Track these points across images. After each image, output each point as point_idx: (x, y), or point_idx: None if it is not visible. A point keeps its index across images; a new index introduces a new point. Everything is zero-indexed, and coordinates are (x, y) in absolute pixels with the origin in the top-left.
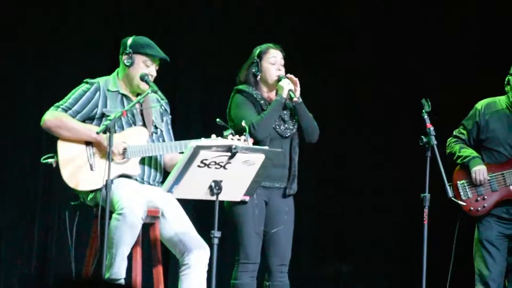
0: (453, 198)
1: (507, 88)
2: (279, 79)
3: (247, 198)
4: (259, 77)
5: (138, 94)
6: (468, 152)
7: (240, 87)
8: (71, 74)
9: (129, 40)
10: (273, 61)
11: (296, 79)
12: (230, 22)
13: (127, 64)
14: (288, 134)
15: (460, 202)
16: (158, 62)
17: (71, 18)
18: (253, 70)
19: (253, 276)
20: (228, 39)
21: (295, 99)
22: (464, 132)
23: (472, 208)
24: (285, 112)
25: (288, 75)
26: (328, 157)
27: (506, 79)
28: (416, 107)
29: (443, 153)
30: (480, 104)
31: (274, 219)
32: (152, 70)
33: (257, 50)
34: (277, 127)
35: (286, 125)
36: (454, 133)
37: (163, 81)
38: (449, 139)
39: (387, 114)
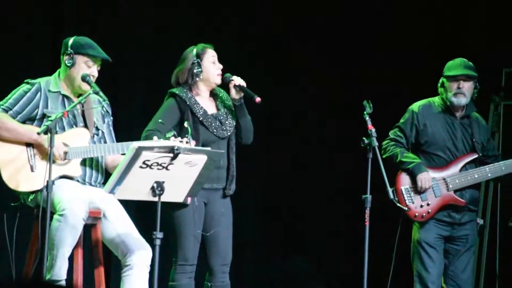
0: (398, 204)
1: (441, 90)
2: (225, 79)
3: (189, 201)
4: (200, 77)
5: (79, 95)
6: (411, 157)
7: (175, 90)
8: (12, 74)
9: (70, 40)
10: (213, 60)
11: (243, 82)
12: (174, 19)
13: (68, 64)
14: (225, 135)
15: (404, 208)
16: (100, 62)
17: (12, 17)
18: (195, 71)
19: (191, 277)
20: (172, 38)
21: (237, 97)
22: (402, 135)
23: (417, 214)
24: (221, 112)
25: (234, 76)
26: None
27: (440, 81)
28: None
29: None
30: (416, 107)
31: (212, 220)
32: (93, 70)
33: (192, 50)
34: (215, 130)
35: (223, 127)
36: (391, 135)
37: (105, 82)
38: (385, 142)
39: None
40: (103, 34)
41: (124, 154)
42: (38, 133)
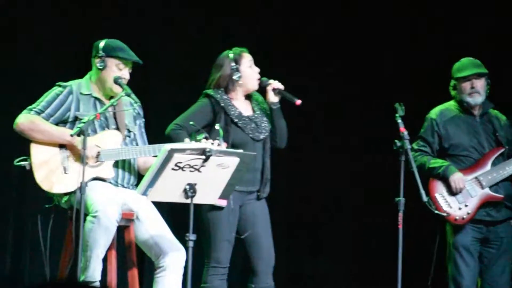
0: (436, 211)
1: (453, 92)
2: (263, 84)
3: (224, 203)
4: (240, 82)
5: (111, 97)
6: (439, 162)
7: (210, 91)
8: (44, 77)
9: (102, 43)
10: (250, 64)
11: (281, 85)
12: (205, 25)
13: (100, 67)
14: (261, 137)
15: (444, 214)
16: (131, 65)
17: (43, 21)
18: (235, 77)
19: (223, 279)
20: (203, 42)
21: (274, 101)
22: (425, 144)
23: (457, 217)
24: (257, 115)
25: (272, 80)
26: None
27: (451, 84)
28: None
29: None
30: (434, 114)
31: (247, 223)
32: (125, 73)
33: (228, 55)
34: (250, 132)
35: (258, 129)
36: (415, 147)
37: (136, 84)
38: (411, 154)
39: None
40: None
41: (156, 156)
42: (71, 135)
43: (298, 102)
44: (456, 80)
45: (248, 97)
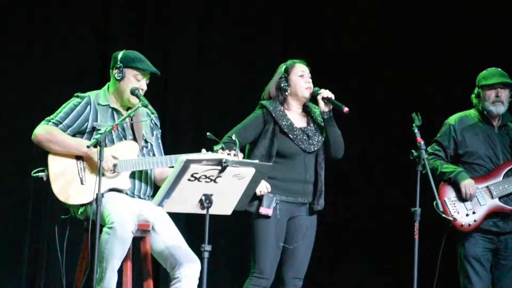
0: (443, 215)
1: (475, 101)
2: (314, 93)
3: (270, 213)
4: (288, 91)
5: (128, 108)
6: (452, 167)
7: (265, 102)
8: (62, 88)
9: (120, 54)
10: (301, 73)
11: (331, 94)
12: (221, 36)
13: (118, 78)
14: (312, 149)
15: (451, 219)
16: (149, 76)
17: (61, 33)
18: (282, 85)
19: None
20: (219, 53)
21: (326, 110)
22: (440, 148)
23: (463, 223)
24: (310, 127)
25: (323, 89)
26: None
27: (475, 91)
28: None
29: None
30: (452, 120)
31: (296, 235)
32: (142, 84)
33: (282, 67)
34: (300, 143)
35: (310, 141)
36: (429, 150)
37: (153, 95)
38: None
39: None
40: (151, 48)
41: (172, 167)
42: (88, 146)
43: (346, 109)
44: (481, 87)
45: (306, 110)
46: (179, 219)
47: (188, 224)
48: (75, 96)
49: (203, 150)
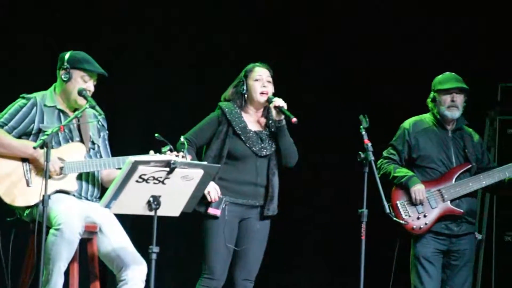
0: (395, 219)
1: (431, 105)
2: (268, 101)
3: (218, 213)
4: (246, 96)
5: (75, 110)
6: (404, 171)
7: (222, 103)
8: (8, 89)
9: (67, 55)
10: (258, 78)
11: (284, 103)
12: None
13: (65, 79)
14: (264, 153)
15: (402, 222)
16: (96, 77)
17: (10, 33)
18: (240, 89)
19: None
20: (169, 53)
21: (277, 118)
22: (395, 152)
23: (414, 226)
24: (266, 131)
25: (276, 98)
26: None
27: (430, 95)
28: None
29: None
30: (407, 124)
31: (245, 237)
32: (90, 85)
33: (244, 70)
34: (252, 145)
35: (262, 144)
36: (384, 154)
37: (100, 96)
38: (379, 161)
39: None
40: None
41: (120, 168)
42: (34, 148)
43: (294, 120)
44: (437, 92)
45: (266, 115)
46: (126, 220)
47: (135, 226)
48: (20, 97)
49: (151, 152)
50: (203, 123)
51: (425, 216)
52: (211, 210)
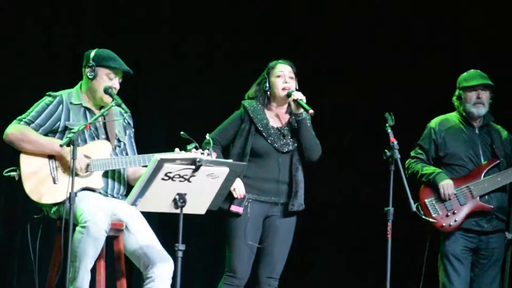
0: (424, 217)
1: (457, 103)
2: (288, 95)
3: (240, 211)
4: (269, 93)
5: (101, 107)
6: (431, 169)
7: (245, 101)
8: (34, 87)
9: (92, 53)
10: (280, 74)
11: (302, 96)
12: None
13: (90, 77)
14: (286, 149)
15: (431, 220)
16: (121, 74)
17: (33, 32)
18: (263, 87)
19: None
20: (194, 53)
21: (297, 112)
22: (422, 152)
23: (444, 224)
24: (288, 127)
25: (295, 91)
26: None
27: (456, 93)
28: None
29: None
30: (433, 123)
31: (267, 234)
32: (115, 82)
33: (266, 68)
34: (274, 142)
35: (284, 140)
36: (412, 154)
37: (126, 94)
38: (407, 161)
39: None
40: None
41: (145, 166)
42: (61, 145)
43: (311, 111)
44: (462, 89)
45: (290, 111)
46: (152, 218)
47: (162, 223)
48: (47, 95)
49: (177, 150)
50: (227, 122)
51: (454, 213)
52: (234, 208)
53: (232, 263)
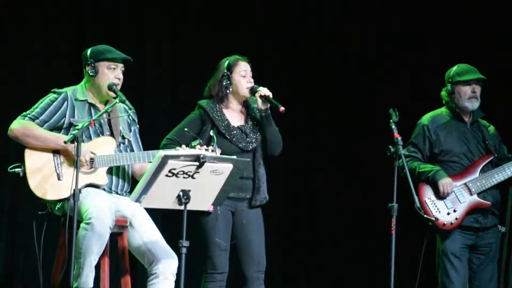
0: (425, 216)
1: (447, 98)
2: (253, 90)
3: (211, 209)
4: (230, 89)
5: (106, 102)
6: (429, 166)
7: (202, 102)
8: (39, 83)
9: (88, 51)
10: (243, 73)
11: (269, 92)
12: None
13: (92, 74)
14: (250, 147)
15: (433, 219)
16: (122, 63)
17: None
18: (224, 83)
19: (221, 286)
20: (196, 51)
21: (263, 107)
22: (416, 150)
23: (445, 222)
24: (248, 124)
25: (261, 87)
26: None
27: (447, 88)
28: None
29: None
30: (425, 119)
31: (237, 229)
32: (118, 73)
33: (225, 63)
34: (238, 143)
35: (248, 139)
36: (405, 152)
37: (130, 90)
38: (401, 160)
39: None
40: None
41: (150, 162)
42: (65, 142)
43: (282, 109)
44: (455, 84)
45: (246, 106)
46: (156, 215)
47: (166, 220)
48: (52, 92)
49: (183, 146)
50: (185, 123)
51: (454, 211)
52: None
53: (211, 260)
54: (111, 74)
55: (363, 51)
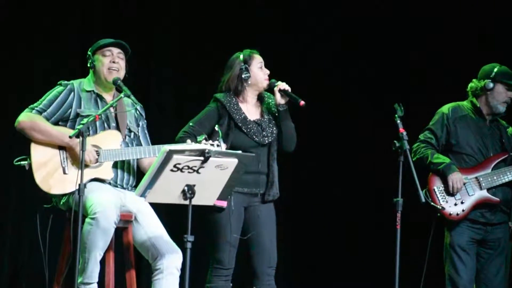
0: (432, 204)
1: (479, 92)
2: (271, 85)
3: (224, 205)
4: (249, 82)
5: (114, 95)
6: (442, 158)
7: (218, 95)
8: (46, 76)
9: (88, 50)
10: (260, 65)
11: (288, 86)
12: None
13: (91, 65)
14: (266, 141)
15: (439, 207)
16: (118, 47)
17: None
18: (244, 76)
19: (227, 280)
20: (202, 45)
21: (281, 102)
22: (432, 136)
23: (451, 212)
24: (264, 118)
25: (280, 81)
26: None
27: (481, 83)
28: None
29: None
30: (446, 109)
31: (250, 225)
32: (114, 57)
33: (239, 56)
34: (254, 136)
35: (264, 133)
36: (421, 137)
37: (136, 85)
38: (416, 144)
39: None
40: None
41: (156, 156)
42: (70, 137)
43: (302, 103)
44: (497, 82)
45: (261, 100)
46: (161, 209)
47: (170, 215)
48: (58, 84)
49: (188, 140)
50: (202, 116)
51: (462, 202)
52: (218, 202)
53: (220, 255)
54: (107, 59)
55: (363, 49)
